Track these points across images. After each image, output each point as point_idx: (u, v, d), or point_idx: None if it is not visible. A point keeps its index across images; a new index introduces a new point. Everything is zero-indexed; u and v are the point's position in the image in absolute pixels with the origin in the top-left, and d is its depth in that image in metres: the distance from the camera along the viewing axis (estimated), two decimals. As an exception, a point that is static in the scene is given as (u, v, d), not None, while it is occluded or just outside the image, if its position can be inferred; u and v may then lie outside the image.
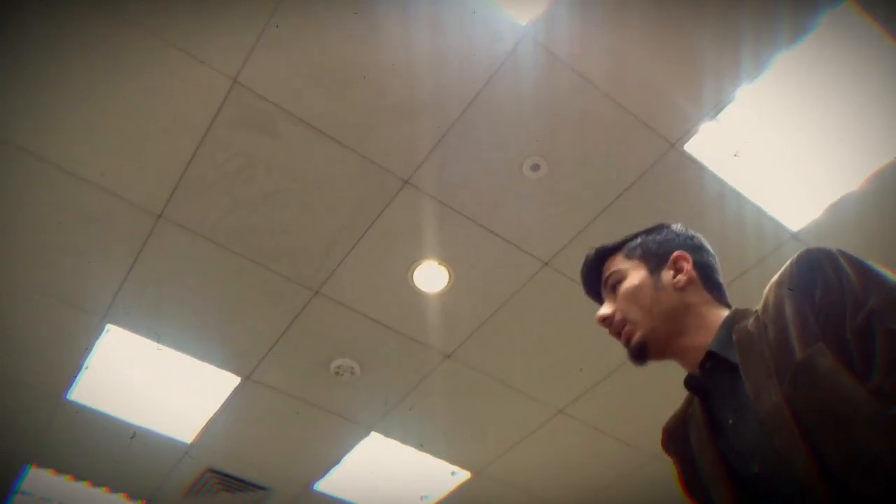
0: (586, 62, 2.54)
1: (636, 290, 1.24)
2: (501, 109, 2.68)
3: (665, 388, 3.78)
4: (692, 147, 2.77)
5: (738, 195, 2.90)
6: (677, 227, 1.32)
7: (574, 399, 3.84)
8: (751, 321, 1.11)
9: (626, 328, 1.24)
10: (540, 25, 2.44)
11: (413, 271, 3.24)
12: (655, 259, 1.26)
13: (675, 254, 1.25)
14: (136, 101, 2.64)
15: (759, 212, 2.95)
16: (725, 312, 1.21)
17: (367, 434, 4.11)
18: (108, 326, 3.45)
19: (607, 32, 2.46)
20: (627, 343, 1.25)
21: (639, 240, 1.30)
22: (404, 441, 4.15)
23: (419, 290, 3.31)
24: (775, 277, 1.10)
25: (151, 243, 3.09)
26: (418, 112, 2.69)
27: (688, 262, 1.25)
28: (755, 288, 1.33)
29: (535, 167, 2.85)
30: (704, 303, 1.23)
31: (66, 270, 3.20)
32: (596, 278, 1.33)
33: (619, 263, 1.29)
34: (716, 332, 1.16)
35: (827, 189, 2.87)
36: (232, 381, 3.75)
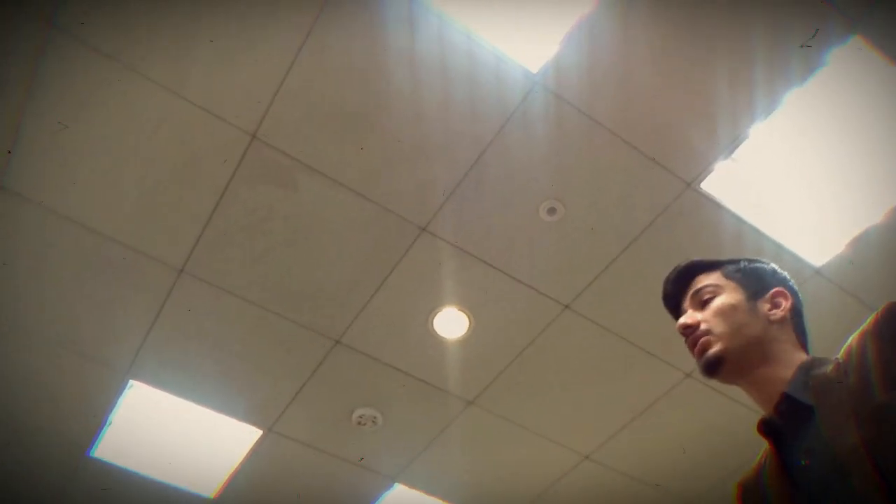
0: (597, 105, 2.56)
1: (730, 309, 1.23)
2: (515, 154, 2.71)
3: (689, 430, 3.71)
4: (709, 186, 2.76)
5: (757, 232, 2.88)
6: (777, 267, 1.33)
7: (600, 445, 3.76)
8: (830, 367, 1.12)
9: (706, 338, 1.23)
10: (550, 71, 2.47)
11: (433, 318, 3.23)
12: (755, 288, 1.26)
13: (776, 289, 1.26)
14: (156, 156, 2.70)
15: (780, 248, 2.92)
16: (805, 356, 1.22)
17: (391, 485, 4.05)
18: (132, 382, 3.46)
19: (617, 75, 2.49)
20: (702, 353, 1.23)
21: (741, 265, 1.30)
22: (429, 491, 4.08)
23: (439, 336, 3.30)
24: (860, 328, 1.11)
25: (174, 298, 3.12)
26: (433, 159, 2.72)
27: (787, 300, 1.26)
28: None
29: (552, 211, 2.86)
30: (791, 343, 1.23)
31: (90, 325, 3.23)
32: (681, 289, 1.32)
33: (716, 280, 1.28)
34: (793, 372, 1.16)
35: (849, 223, 2.84)
36: (254, 433, 3.73)
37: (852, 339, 1.11)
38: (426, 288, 3.12)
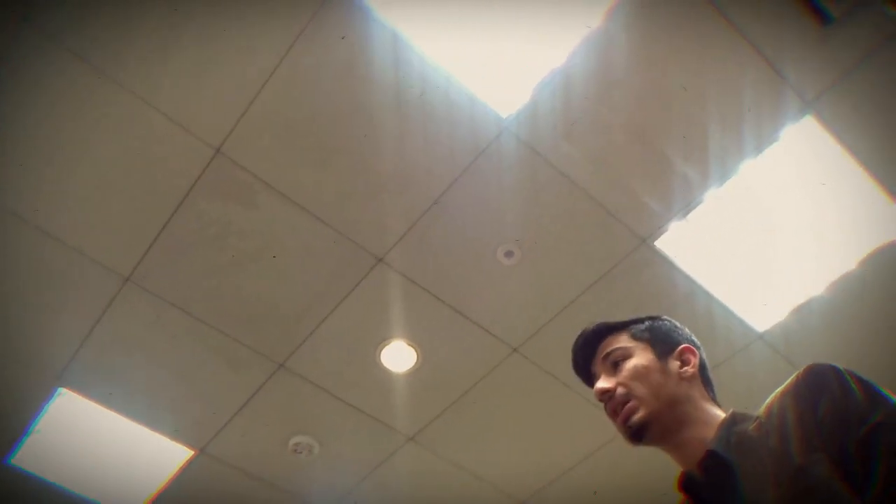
0: (562, 155, 2.61)
1: (644, 370, 1.23)
2: (479, 195, 2.73)
3: (630, 473, 3.71)
4: (662, 244, 2.83)
5: (707, 294, 2.95)
6: (678, 323, 1.34)
7: (538, 490, 3.75)
8: (752, 425, 1.12)
9: (630, 404, 1.22)
10: (521, 118, 2.52)
11: (381, 350, 3.20)
12: (663, 346, 1.27)
13: (684, 346, 1.28)
14: (114, 161, 2.64)
15: (727, 311, 2.99)
16: (720, 411, 1.23)
17: (321, 517, 3.95)
18: (61, 390, 3.33)
19: (584, 128, 2.55)
20: (626, 420, 1.23)
21: (646, 324, 1.31)
22: (360, 527, 3.99)
23: (386, 369, 3.27)
24: (781, 388, 1.13)
25: (116, 306, 3.03)
26: (397, 191, 2.73)
27: (694, 356, 1.27)
28: (724, 386, 1.35)
29: (509, 254, 2.88)
30: (703, 398, 1.24)
31: (22, 327, 3.10)
32: (591, 353, 1.32)
33: (624, 342, 1.28)
34: (716, 429, 1.17)
35: (793, 292, 2.94)
36: (185, 453, 3.61)
37: (773, 397, 1.12)
38: (377, 319, 3.10)
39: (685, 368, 1.24)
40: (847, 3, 2.15)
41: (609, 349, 1.28)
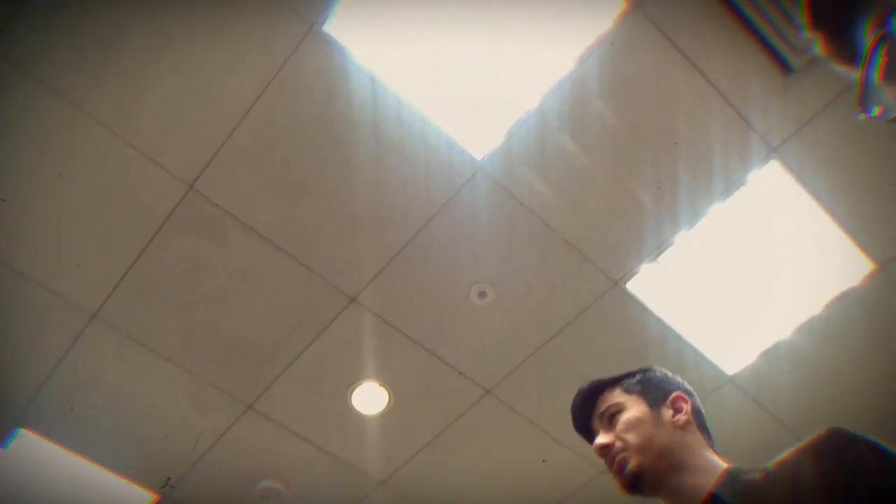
0: (535, 197, 2.65)
1: (637, 422, 1.27)
2: (453, 235, 2.75)
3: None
4: (634, 286, 2.86)
5: (678, 337, 2.97)
6: (669, 372, 1.39)
7: (509, 537, 3.68)
8: (758, 475, 1.14)
9: (622, 455, 1.25)
10: (495, 159, 2.55)
11: (352, 391, 3.16)
12: (655, 396, 1.30)
13: (675, 394, 1.30)
14: (84, 195, 2.62)
15: (699, 355, 3.01)
16: (720, 459, 1.25)
17: (287, 566, 3.82)
18: (21, 430, 3.22)
19: (558, 171, 2.59)
20: (621, 471, 1.25)
21: (637, 377, 1.35)
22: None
23: (357, 411, 3.22)
24: (796, 445, 1.14)
25: (81, 343, 2.96)
26: (371, 231, 2.73)
27: (686, 403, 1.30)
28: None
29: (483, 294, 2.89)
30: (700, 445, 1.26)
31: (-16, 366, 3.02)
32: (588, 411, 1.36)
33: (617, 397, 1.32)
34: (715, 476, 1.19)
35: (761, 335, 2.97)
36: (147, 497, 3.49)
37: (787, 453, 1.14)
38: (349, 359, 3.07)
39: (678, 416, 1.27)
40: (806, 56, 2.24)
41: (604, 406, 1.32)
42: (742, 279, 2.81)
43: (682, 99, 2.41)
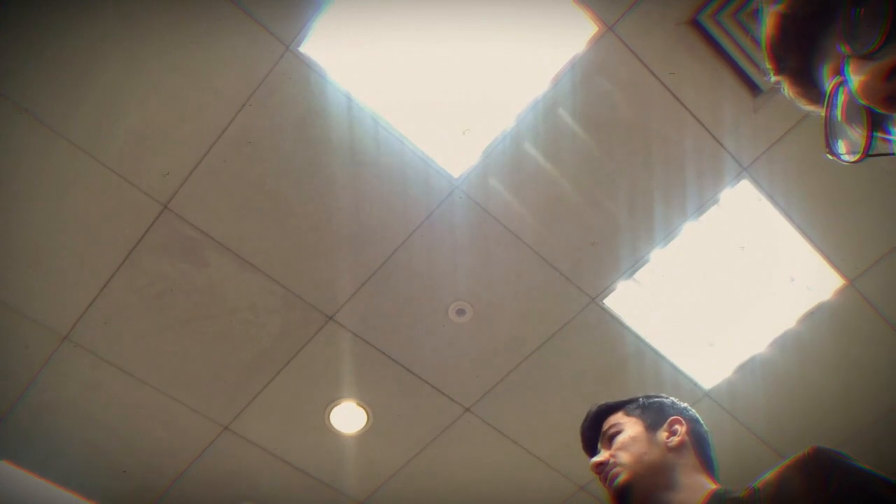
0: (512, 215, 2.66)
1: (631, 441, 1.35)
2: (431, 253, 2.75)
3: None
4: (611, 303, 2.88)
5: (655, 352, 2.99)
6: (675, 399, 1.46)
7: (490, 556, 3.66)
8: (743, 493, 1.18)
9: (613, 470, 1.33)
10: (472, 179, 2.57)
11: (330, 411, 3.14)
12: (653, 419, 1.38)
13: (672, 418, 1.37)
14: (56, 215, 2.58)
15: (675, 369, 3.04)
16: (710, 481, 1.30)
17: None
18: (-12, 456, 3.14)
19: (535, 189, 2.61)
20: (611, 483, 1.33)
21: (640, 401, 1.43)
22: None
23: (335, 430, 3.19)
24: (781, 464, 1.18)
25: (52, 366, 2.91)
26: (347, 250, 2.73)
27: (682, 426, 1.36)
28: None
29: (461, 312, 2.89)
30: (692, 466, 1.32)
31: (-49, 391, 2.95)
32: (595, 433, 1.44)
33: (619, 419, 1.41)
34: (703, 496, 1.24)
35: (736, 350, 3.01)
36: (120, 523, 3.43)
37: (772, 473, 1.18)
38: (327, 379, 3.04)
39: (672, 438, 1.34)
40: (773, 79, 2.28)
41: (606, 427, 1.41)
42: (717, 295, 2.85)
43: (654, 119, 2.45)
